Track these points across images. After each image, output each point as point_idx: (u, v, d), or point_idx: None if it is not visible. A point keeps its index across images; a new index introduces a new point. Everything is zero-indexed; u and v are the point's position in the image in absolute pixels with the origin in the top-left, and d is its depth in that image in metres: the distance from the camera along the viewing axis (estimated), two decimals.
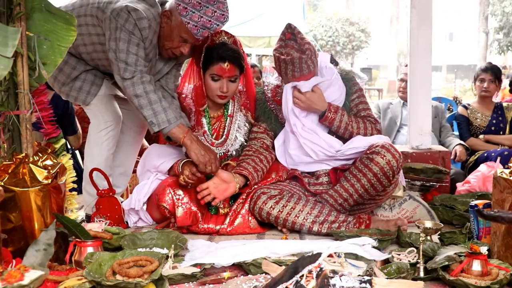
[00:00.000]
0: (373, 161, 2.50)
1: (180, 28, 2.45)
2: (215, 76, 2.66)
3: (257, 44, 10.53)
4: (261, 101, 2.88)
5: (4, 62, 1.78)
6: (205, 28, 2.45)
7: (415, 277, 1.91)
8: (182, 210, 2.54)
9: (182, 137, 2.46)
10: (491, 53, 23.24)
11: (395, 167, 2.50)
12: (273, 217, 2.54)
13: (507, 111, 4.04)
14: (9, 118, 2.05)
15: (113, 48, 2.44)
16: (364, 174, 2.51)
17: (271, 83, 2.92)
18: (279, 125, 2.83)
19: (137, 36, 2.43)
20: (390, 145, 2.55)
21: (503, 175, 1.98)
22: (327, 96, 2.72)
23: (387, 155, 2.49)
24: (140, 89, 2.42)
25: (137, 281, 1.70)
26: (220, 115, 2.86)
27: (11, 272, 1.66)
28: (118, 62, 2.43)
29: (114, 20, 2.41)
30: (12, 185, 1.94)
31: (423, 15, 3.59)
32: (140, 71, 2.44)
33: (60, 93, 2.76)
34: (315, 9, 28.68)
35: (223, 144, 2.83)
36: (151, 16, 2.46)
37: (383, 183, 2.52)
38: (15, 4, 2.01)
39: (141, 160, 2.84)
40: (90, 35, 2.56)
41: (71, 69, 2.65)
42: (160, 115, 2.42)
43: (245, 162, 2.67)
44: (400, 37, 26.17)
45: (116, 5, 2.43)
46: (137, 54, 2.44)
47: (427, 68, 3.63)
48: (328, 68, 2.76)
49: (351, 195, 2.55)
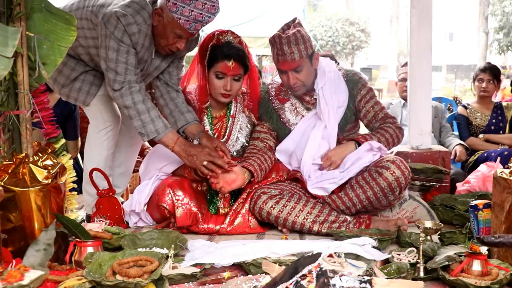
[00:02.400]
0: (381, 176, 2.48)
1: (173, 24, 2.45)
2: (219, 73, 2.68)
3: (257, 44, 10.51)
4: (264, 100, 2.88)
5: (4, 62, 1.78)
6: (197, 22, 2.44)
7: (415, 277, 1.91)
8: (182, 210, 2.54)
9: (171, 146, 2.50)
10: (491, 53, 23.22)
11: (403, 184, 2.50)
12: (273, 217, 2.54)
13: (506, 111, 4.04)
14: (9, 118, 2.05)
15: (103, 57, 2.46)
16: (371, 187, 2.50)
17: (275, 81, 2.91)
18: (281, 124, 2.82)
19: (126, 43, 2.44)
20: (400, 160, 2.52)
21: (503, 175, 1.98)
22: (336, 100, 2.70)
23: (397, 172, 2.48)
24: (129, 100, 2.45)
25: (137, 281, 1.70)
26: (223, 116, 2.86)
27: (11, 272, 1.66)
28: (108, 71, 2.46)
29: (104, 26, 2.43)
30: (12, 185, 1.95)
31: (423, 15, 3.59)
32: (128, 81, 2.46)
33: (60, 95, 2.77)
34: (315, 9, 28.69)
35: (225, 143, 2.82)
36: (140, 20, 2.45)
37: (389, 198, 2.52)
38: (15, 4, 2.01)
39: (145, 159, 2.84)
40: (86, 38, 2.57)
41: (70, 70, 2.65)
42: (148, 125, 2.46)
43: (251, 159, 2.68)
44: (400, 37, 26.15)
45: (107, 10, 2.44)
46: (127, 63, 2.45)
47: (427, 68, 3.63)
48: (334, 72, 2.74)
49: (355, 204, 2.54)
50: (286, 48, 2.57)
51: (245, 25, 10.08)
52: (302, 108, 2.81)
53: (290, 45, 2.56)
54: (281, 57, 2.59)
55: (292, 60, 2.58)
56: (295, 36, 2.56)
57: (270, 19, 10.32)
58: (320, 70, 2.75)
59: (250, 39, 10.27)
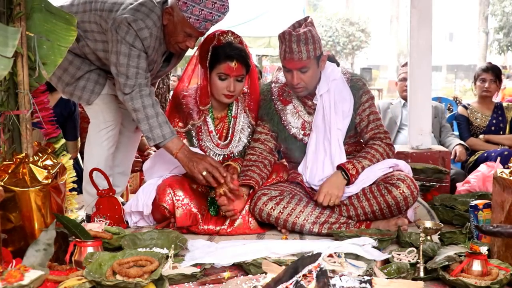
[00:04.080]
0: (390, 194, 2.47)
1: (183, 23, 2.46)
2: (222, 75, 2.65)
3: (257, 44, 10.50)
4: (266, 99, 2.81)
5: (4, 62, 1.78)
6: (207, 21, 2.45)
7: (415, 277, 1.91)
8: (182, 211, 2.53)
9: (175, 153, 2.50)
10: (491, 53, 23.22)
11: (411, 203, 2.50)
12: (273, 218, 2.54)
13: (507, 111, 4.04)
14: (9, 118, 2.05)
15: (114, 62, 2.47)
16: (378, 202, 2.50)
17: (279, 79, 2.84)
18: (282, 127, 2.77)
19: (138, 47, 2.45)
20: (410, 180, 2.50)
21: (503, 175, 1.98)
22: (340, 110, 2.66)
23: (406, 191, 2.46)
24: (138, 104, 2.46)
25: (137, 281, 1.70)
26: (224, 116, 2.84)
27: (11, 272, 1.66)
28: (119, 76, 2.46)
29: (115, 32, 2.44)
30: (12, 185, 1.94)
31: (423, 15, 3.59)
32: (139, 84, 2.47)
33: (63, 93, 2.77)
34: (315, 9, 28.70)
35: (227, 146, 2.82)
36: (150, 24, 2.46)
37: (394, 213, 2.52)
38: (15, 4, 2.01)
39: (152, 157, 2.82)
40: (95, 41, 2.58)
41: (76, 69, 2.66)
42: (155, 130, 2.47)
43: (250, 170, 2.65)
44: (400, 37, 26.17)
45: (116, 15, 2.45)
46: (138, 67, 2.46)
47: (427, 68, 3.63)
48: (339, 79, 2.69)
49: (358, 215, 2.54)
50: (294, 46, 2.50)
51: (245, 25, 10.07)
52: (304, 112, 2.75)
53: (299, 43, 2.49)
54: (288, 55, 2.52)
55: (299, 59, 2.51)
56: (306, 35, 2.50)
57: (270, 19, 10.33)
58: (324, 75, 2.68)
59: (250, 39, 10.26)
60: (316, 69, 2.60)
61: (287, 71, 2.60)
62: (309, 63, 2.55)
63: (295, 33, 2.50)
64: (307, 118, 2.75)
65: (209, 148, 2.79)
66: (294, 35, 2.49)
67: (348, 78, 2.75)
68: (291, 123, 2.75)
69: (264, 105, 2.81)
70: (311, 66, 2.56)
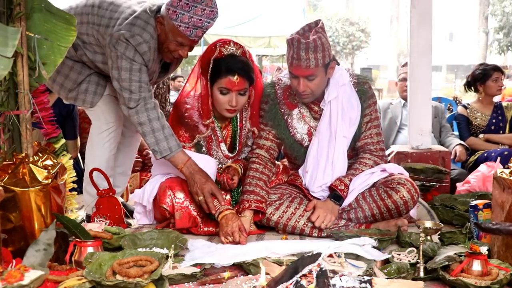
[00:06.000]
0: (390, 198, 2.47)
1: (174, 32, 2.44)
2: (223, 89, 2.55)
3: (257, 44, 10.51)
4: (272, 103, 2.68)
5: (4, 62, 1.78)
6: (197, 28, 2.42)
7: (415, 277, 1.91)
8: (181, 213, 2.51)
9: (181, 167, 2.49)
10: (491, 53, 23.22)
11: (411, 207, 2.50)
12: (273, 223, 2.54)
13: (506, 111, 4.04)
14: (9, 118, 2.05)
15: (116, 77, 2.47)
16: (378, 206, 2.50)
17: (282, 81, 2.71)
18: (287, 133, 2.67)
19: (138, 61, 2.45)
20: (411, 183, 2.49)
21: (503, 175, 1.98)
22: (347, 117, 2.60)
23: (406, 196, 2.46)
24: (144, 117, 2.47)
25: (137, 281, 1.70)
26: (227, 124, 2.75)
27: (11, 272, 1.66)
28: (122, 91, 2.46)
29: (114, 48, 2.43)
30: (12, 185, 1.94)
31: (423, 15, 3.59)
32: (144, 98, 2.47)
33: (67, 99, 2.75)
34: (315, 9, 28.71)
35: (237, 155, 2.77)
36: (148, 37, 2.45)
37: (394, 217, 2.52)
38: (15, 4, 2.01)
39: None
40: (95, 53, 2.59)
41: (77, 74, 2.66)
42: (162, 143, 2.47)
43: (255, 190, 2.53)
44: (400, 37, 26.15)
45: (113, 31, 2.44)
46: (140, 80, 2.46)
47: (427, 68, 3.63)
48: (347, 84, 2.62)
49: (358, 218, 2.54)
50: (303, 53, 2.39)
51: (245, 25, 10.09)
52: (310, 117, 2.67)
53: (307, 51, 2.38)
54: (296, 61, 2.41)
55: (307, 67, 2.41)
56: (315, 43, 2.38)
57: (270, 19, 10.34)
58: (333, 81, 2.59)
59: (250, 39, 10.29)
60: (323, 76, 2.51)
61: (293, 77, 2.51)
62: (317, 71, 2.45)
63: (304, 40, 2.39)
64: (312, 124, 2.67)
65: (218, 157, 2.74)
66: (303, 43, 2.38)
67: (355, 82, 2.67)
68: (297, 129, 2.67)
69: (269, 109, 2.69)
70: (318, 74, 2.47)
